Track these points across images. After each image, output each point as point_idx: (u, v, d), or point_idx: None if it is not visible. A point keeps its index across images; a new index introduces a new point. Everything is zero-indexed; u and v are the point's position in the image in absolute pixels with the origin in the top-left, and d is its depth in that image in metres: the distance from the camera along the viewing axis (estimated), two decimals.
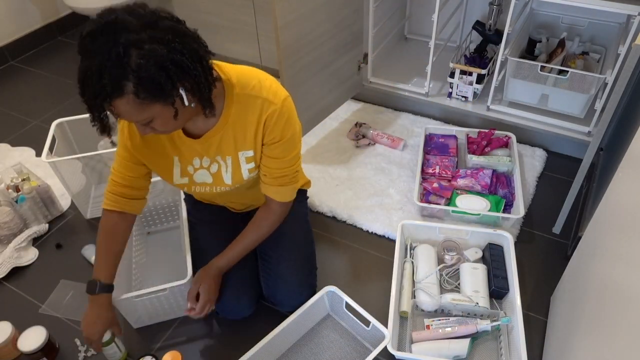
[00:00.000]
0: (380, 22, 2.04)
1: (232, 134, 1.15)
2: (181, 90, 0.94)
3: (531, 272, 1.53)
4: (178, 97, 0.94)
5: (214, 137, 1.15)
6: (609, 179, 1.19)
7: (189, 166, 1.22)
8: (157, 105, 0.93)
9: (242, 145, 1.17)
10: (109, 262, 1.24)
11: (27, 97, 2.45)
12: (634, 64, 1.16)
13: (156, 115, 0.96)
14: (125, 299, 1.29)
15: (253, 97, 1.11)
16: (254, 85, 1.11)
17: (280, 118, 1.12)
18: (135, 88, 0.88)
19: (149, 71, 0.87)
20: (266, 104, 1.11)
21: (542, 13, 1.99)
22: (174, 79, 0.90)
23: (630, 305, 0.80)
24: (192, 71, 0.93)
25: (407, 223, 1.57)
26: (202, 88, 0.97)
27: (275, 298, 1.38)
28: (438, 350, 1.29)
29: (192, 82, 0.95)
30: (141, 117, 0.95)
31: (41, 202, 1.71)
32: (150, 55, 0.87)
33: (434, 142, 1.93)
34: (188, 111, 1.01)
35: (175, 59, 0.90)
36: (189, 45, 0.93)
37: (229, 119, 1.13)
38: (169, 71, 0.89)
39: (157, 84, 0.89)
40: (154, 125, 0.99)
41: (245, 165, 1.20)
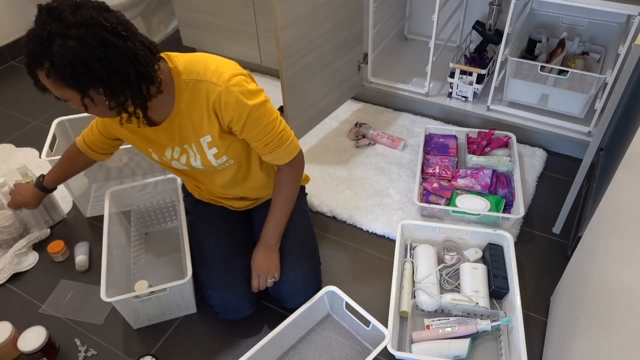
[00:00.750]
0: (380, 22, 2.04)
1: (189, 120, 1.17)
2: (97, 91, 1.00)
3: (531, 272, 1.53)
4: (88, 96, 1.00)
5: (173, 126, 1.18)
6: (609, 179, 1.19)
7: (163, 157, 1.27)
8: (69, 91, 0.99)
9: (200, 132, 1.18)
10: (55, 175, 1.52)
11: (27, 97, 2.45)
12: (634, 64, 1.16)
13: (72, 99, 1.02)
14: (125, 299, 1.29)
15: (198, 81, 1.12)
16: (199, 71, 1.13)
17: (228, 99, 1.11)
18: (48, 70, 0.96)
19: (62, 62, 0.94)
20: (210, 87, 1.12)
21: (542, 13, 1.99)
22: (81, 79, 0.96)
23: (630, 305, 0.80)
24: (107, 80, 0.98)
25: (407, 223, 1.57)
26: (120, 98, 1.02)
27: (281, 295, 1.38)
28: (438, 350, 1.29)
29: (105, 89, 1.00)
30: (58, 94, 1.02)
31: (42, 206, 1.70)
32: (68, 50, 0.93)
33: (434, 142, 1.93)
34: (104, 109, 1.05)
35: (88, 63, 0.95)
36: (114, 58, 0.97)
37: (182, 106, 1.15)
38: (78, 71, 0.95)
39: (64, 76, 0.95)
40: (72, 105, 1.05)
41: (209, 151, 1.21)
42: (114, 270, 1.44)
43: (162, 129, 1.19)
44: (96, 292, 1.34)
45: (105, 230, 1.45)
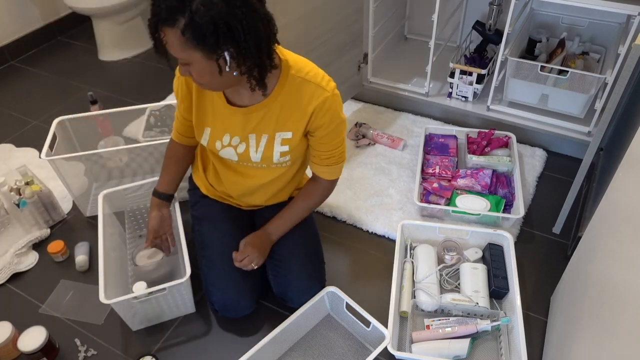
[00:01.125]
0: (380, 22, 2.04)
1: (277, 112, 1.18)
2: (226, 54, 0.98)
3: (531, 272, 1.53)
4: (221, 57, 0.98)
5: (259, 112, 1.18)
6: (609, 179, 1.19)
7: (217, 141, 1.26)
8: (198, 52, 0.97)
9: (282, 126, 1.20)
10: (169, 178, 1.44)
11: (27, 97, 2.45)
12: (634, 64, 1.16)
13: (195, 62, 1.00)
14: (124, 301, 1.28)
15: (307, 81, 1.15)
16: (309, 71, 1.16)
17: (330, 106, 1.16)
18: (184, 26, 0.93)
19: (202, 19, 0.92)
20: (318, 91, 1.15)
21: (542, 13, 1.99)
22: (220, 38, 0.95)
23: (630, 305, 0.80)
24: (242, 42, 0.97)
25: (407, 223, 1.57)
26: (248, 63, 1.01)
27: (286, 295, 1.38)
28: (438, 350, 1.29)
29: (238, 52, 0.99)
30: (181, 55, 0.99)
31: (42, 206, 1.70)
32: (210, 5, 0.91)
33: (434, 142, 1.93)
34: (229, 77, 1.05)
35: (230, 23, 0.94)
36: (253, 21, 0.97)
37: (278, 98, 1.16)
38: (219, 29, 0.93)
39: (204, 34, 0.93)
40: (192, 70, 1.03)
41: (278, 147, 1.23)
42: (111, 272, 1.44)
43: (243, 112, 1.19)
44: (96, 292, 1.34)
45: (100, 232, 1.45)
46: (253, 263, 1.32)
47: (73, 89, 2.49)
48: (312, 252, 1.41)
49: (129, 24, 2.69)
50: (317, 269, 1.41)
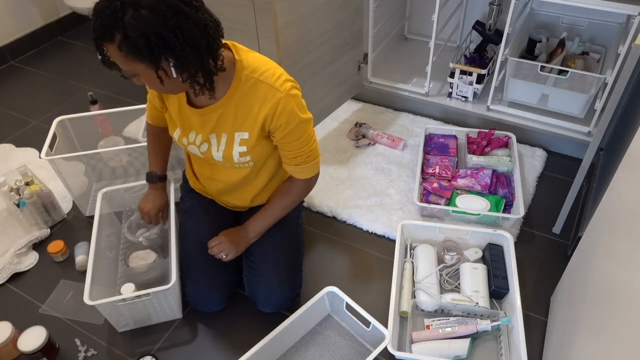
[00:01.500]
0: (380, 22, 2.04)
1: (233, 113, 1.18)
2: (168, 63, 1.00)
3: (531, 272, 1.53)
4: (161, 68, 1.00)
5: (215, 112, 1.19)
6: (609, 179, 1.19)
7: (184, 138, 1.28)
8: (139, 64, 0.99)
9: (240, 126, 1.20)
10: (158, 159, 1.50)
11: (27, 97, 2.45)
12: (634, 64, 1.16)
13: (140, 73, 1.02)
14: (109, 302, 1.28)
15: (260, 82, 1.14)
16: (264, 72, 1.15)
17: (284, 107, 1.14)
18: (120, 42, 0.95)
19: (135, 33, 0.93)
20: (271, 92, 1.14)
21: (542, 13, 1.99)
22: (154, 50, 0.96)
23: (630, 305, 0.80)
24: (179, 51, 0.97)
25: (407, 223, 1.57)
26: (190, 69, 1.02)
27: (255, 297, 1.38)
28: (438, 351, 1.29)
29: (177, 60, 0.99)
30: (126, 68, 1.02)
31: (42, 207, 1.70)
32: (141, 20, 0.93)
33: (434, 142, 1.93)
34: (177, 82, 1.05)
35: (162, 34, 0.94)
36: (186, 28, 0.97)
37: (233, 98, 1.16)
38: (151, 41, 0.94)
39: (138, 48, 0.95)
40: (141, 79, 1.05)
41: (237, 147, 1.22)
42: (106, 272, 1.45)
43: (199, 113, 1.20)
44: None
45: (94, 232, 1.45)
46: (223, 252, 1.33)
47: (73, 89, 2.49)
48: (287, 258, 1.40)
49: None
50: (290, 276, 1.40)
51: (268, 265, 1.36)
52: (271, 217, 1.37)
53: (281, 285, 1.36)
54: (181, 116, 1.25)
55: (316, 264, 1.59)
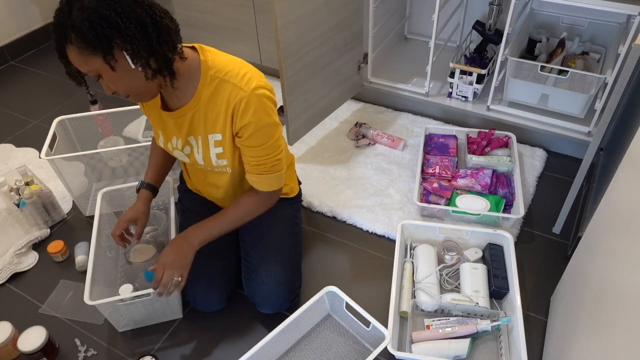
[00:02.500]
0: (380, 22, 2.04)
1: (203, 115, 1.18)
2: (121, 50, 0.99)
3: (531, 272, 1.53)
4: (117, 54, 0.99)
5: (186, 115, 1.18)
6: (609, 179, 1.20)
7: (168, 143, 1.28)
8: (97, 58, 0.98)
9: (212, 128, 1.19)
10: (154, 170, 1.44)
11: (27, 97, 2.45)
12: (634, 64, 1.16)
13: (100, 70, 1.01)
14: (109, 302, 1.28)
15: (225, 81, 1.13)
16: (229, 71, 1.14)
17: (248, 106, 1.13)
18: (74, 38, 0.95)
19: (83, 23, 0.94)
20: (235, 91, 1.13)
21: (542, 13, 1.99)
22: (99, 32, 0.95)
23: (630, 305, 0.80)
24: (123, 30, 0.97)
25: (407, 223, 1.57)
26: (141, 51, 1.00)
27: (254, 299, 1.38)
28: (438, 351, 1.29)
29: (124, 41, 0.98)
30: (87, 68, 1.01)
31: (42, 207, 1.70)
32: (84, 8, 0.94)
33: (434, 142, 1.93)
34: (138, 76, 1.04)
35: (103, 14, 0.95)
36: (127, 7, 0.97)
37: (201, 100, 1.16)
38: (94, 23, 0.95)
39: (90, 37, 0.95)
40: (106, 82, 1.04)
41: (213, 149, 1.22)
42: (106, 271, 1.45)
43: (172, 116, 1.20)
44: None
45: (95, 232, 1.45)
46: (174, 277, 1.21)
47: (73, 89, 2.49)
48: (286, 260, 1.39)
49: None
50: (288, 276, 1.39)
51: (266, 267, 1.36)
52: (219, 225, 1.28)
53: (279, 287, 1.36)
54: (160, 122, 1.25)
55: (316, 264, 1.59)
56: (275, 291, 1.36)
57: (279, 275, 1.36)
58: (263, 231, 1.40)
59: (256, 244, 1.39)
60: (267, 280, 1.35)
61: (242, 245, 1.45)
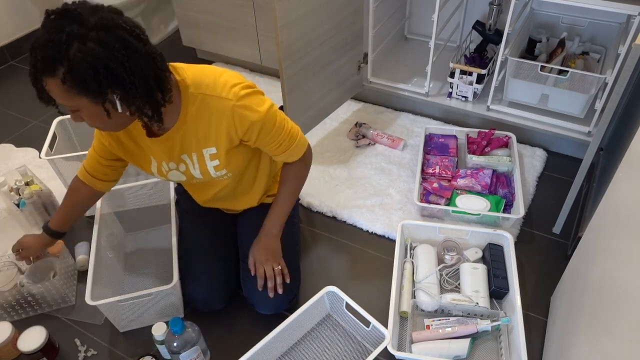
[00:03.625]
0: (380, 22, 2.04)
1: (194, 132, 1.16)
2: (114, 97, 0.97)
3: (531, 272, 1.53)
4: (108, 100, 0.97)
5: (175, 137, 1.17)
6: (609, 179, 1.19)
7: (161, 167, 1.25)
8: (83, 98, 0.95)
9: (204, 143, 1.18)
10: (62, 215, 1.40)
11: (27, 97, 2.45)
12: (634, 64, 1.16)
13: (82, 108, 0.98)
14: (110, 303, 1.29)
15: (208, 96, 1.12)
16: (208, 84, 1.12)
17: (242, 114, 1.12)
18: (64, 75, 0.91)
19: (81, 66, 0.90)
20: (222, 103, 1.11)
21: (542, 13, 1.99)
22: (102, 82, 0.93)
23: (630, 305, 0.80)
24: (128, 84, 0.95)
25: (407, 223, 1.57)
26: (138, 102, 0.99)
27: (253, 300, 1.38)
28: (438, 351, 1.29)
29: (125, 93, 0.97)
30: (67, 103, 0.98)
31: (42, 207, 1.70)
32: (88, 52, 0.90)
33: (434, 142, 1.93)
34: (122, 117, 1.02)
35: (111, 67, 0.92)
36: (135, 61, 0.95)
37: (187, 119, 1.14)
38: (99, 74, 0.91)
39: (85, 81, 0.92)
40: (82, 115, 1.01)
41: (210, 162, 1.21)
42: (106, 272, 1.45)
43: (160, 141, 1.18)
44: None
45: (95, 233, 1.45)
46: (274, 267, 1.32)
47: None
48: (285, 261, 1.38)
49: None
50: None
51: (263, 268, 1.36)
52: (285, 205, 1.34)
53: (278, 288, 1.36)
54: (148, 149, 1.22)
55: (316, 264, 1.59)
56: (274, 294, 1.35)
57: None
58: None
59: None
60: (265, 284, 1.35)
61: (240, 246, 1.45)
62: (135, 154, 1.25)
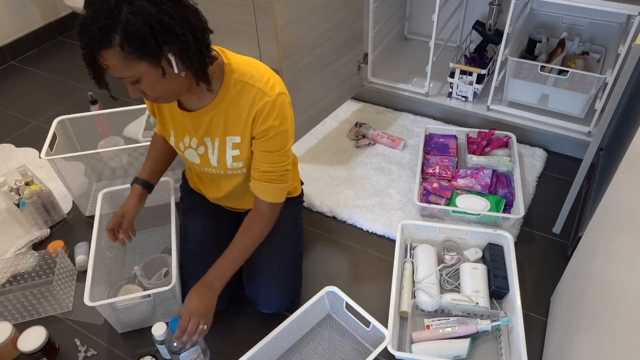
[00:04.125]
0: (380, 22, 2.04)
1: (224, 117, 1.17)
2: (169, 55, 0.98)
3: (531, 272, 1.53)
4: (165, 59, 0.98)
5: (206, 116, 1.18)
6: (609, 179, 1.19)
7: (180, 142, 1.27)
8: (142, 63, 0.96)
9: (231, 130, 1.19)
10: (150, 166, 1.41)
11: (27, 97, 2.45)
12: (634, 64, 1.16)
13: (143, 75, 0.99)
14: (109, 304, 1.28)
15: (249, 85, 1.14)
16: (253, 75, 1.14)
17: (271, 111, 1.14)
18: (121, 41, 0.92)
19: (136, 26, 0.91)
20: (259, 95, 1.13)
21: (542, 13, 1.99)
22: (159, 38, 0.94)
23: (630, 305, 0.80)
24: (180, 37, 0.96)
25: (407, 223, 1.57)
26: (192, 57, 1.00)
27: (255, 298, 1.38)
28: (438, 351, 1.29)
29: (179, 48, 0.98)
30: (127, 74, 0.98)
31: (42, 207, 1.70)
32: (139, 11, 0.91)
33: (434, 142, 1.93)
34: (178, 80, 1.04)
35: (163, 20, 0.93)
36: (182, 13, 0.96)
37: (223, 102, 1.15)
38: (154, 29, 0.92)
39: (143, 40, 0.93)
40: (142, 87, 1.02)
41: (230, 151, 1.22)
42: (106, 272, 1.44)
43: (192, 116, 1.19)
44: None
45: (95, 233, 1.45)
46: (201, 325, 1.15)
47: (73, 89, 2.49)
48: (286, 259, 1.39)
49: None
50: (289, 276, 1.39)
51: (266, 267, 1.36)
52: (236, 259, 1.24)
53: (280, 287, 1.36)
54: (174, 121, 1.25)
55: (316, 264, 1.59)
56: (276, 291, 1.36)
57: (280, 275, 1.36)
58: None
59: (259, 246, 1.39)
60: (268, 281, 1.35)
61: None
62: (165, 120, 1.27)
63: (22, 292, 1.47)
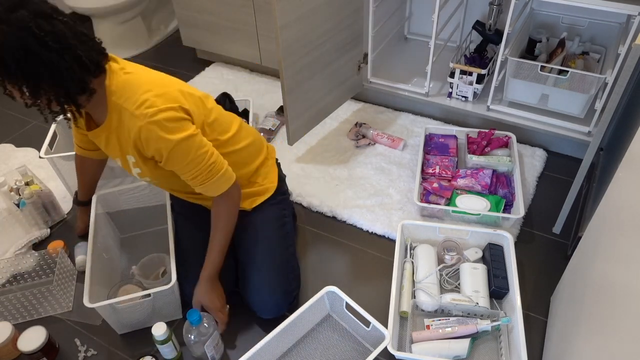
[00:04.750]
0: (380, 22, 2.04)
1: (116, 138, 1.18)
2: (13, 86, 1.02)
3: (531, 272, 1.53)
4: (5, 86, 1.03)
5: (101, 136, 1.20)
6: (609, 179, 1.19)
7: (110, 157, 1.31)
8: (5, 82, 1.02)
9: (125, 150, 1.20)
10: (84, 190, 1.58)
11: None
12: (634, 64, 1.16)
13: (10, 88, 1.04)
14: (108, 305, 1.28)
15: (124, 109, 1.12)
16: (128, 97, 1.11)
17: (148, 135, 1.11)
18: None
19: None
20: (132, 120, 1.11)
21: (542, 13, 1.99)
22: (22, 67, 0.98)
23: (630, 305, 0.80)
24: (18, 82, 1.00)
25: (407, 223, 1.57)
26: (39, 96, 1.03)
27: (252, 306, 1.38)
28: (438, 351, 1.29)
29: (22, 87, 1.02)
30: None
31: (42, 207, 1.70)
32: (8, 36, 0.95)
33: (434, 142, 1.93)
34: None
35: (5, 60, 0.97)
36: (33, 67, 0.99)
37: (112, 124, 1.16)
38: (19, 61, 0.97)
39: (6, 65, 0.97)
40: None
41: (133, 169, 1.24)
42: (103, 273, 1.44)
43: (91, 135, 1.23)
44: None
45: (91, 235, 1.45)
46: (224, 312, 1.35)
47: None
48: (277, 264, 1.37)
49: (129, 24, 2.69)
50: (282, 281, 1.38)
51: (258, 274, 1.36)
52: (221, 248, 1.31)
53: (274, 293, 1.35)
54: None
55: (316, 264, 1.59)
56: (271, 299, 1.35)
57: (271, 280, 1.36)
58: (251, 236, 1.40)
59: (246, 251, 1.39)
60: (260, 289, 1.35)
61: (235, 250, 1.44)
62: None
63: (22, 292, 1.47)
